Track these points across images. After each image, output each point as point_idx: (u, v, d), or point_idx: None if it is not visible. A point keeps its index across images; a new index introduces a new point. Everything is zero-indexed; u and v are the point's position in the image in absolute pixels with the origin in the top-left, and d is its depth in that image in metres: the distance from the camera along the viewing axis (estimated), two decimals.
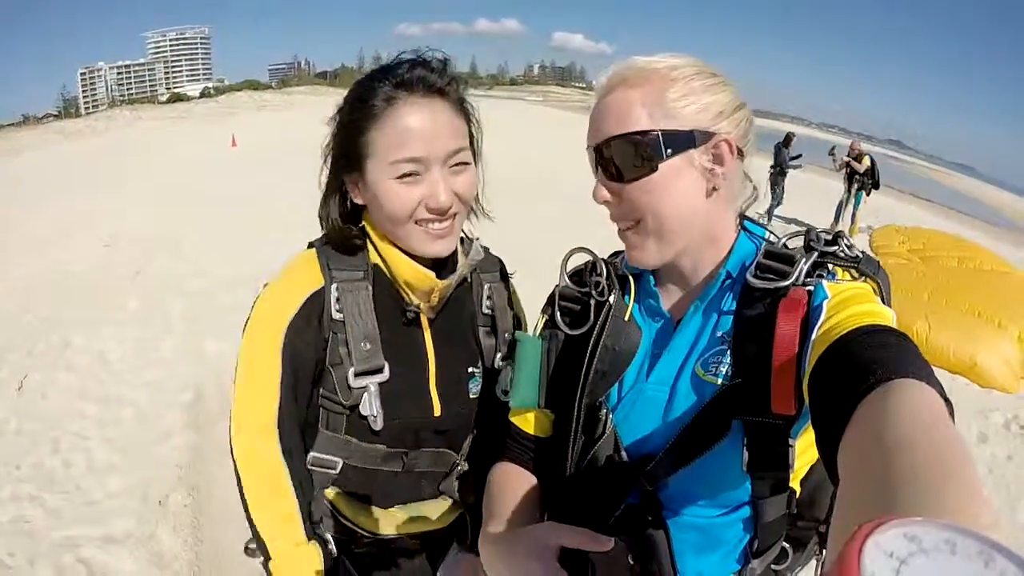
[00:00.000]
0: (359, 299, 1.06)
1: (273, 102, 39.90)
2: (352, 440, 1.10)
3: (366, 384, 1.06)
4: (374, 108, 0.97)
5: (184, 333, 5.00)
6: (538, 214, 8.64)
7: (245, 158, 14.93)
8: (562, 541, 0.78)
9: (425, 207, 1.00)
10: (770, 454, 0.84)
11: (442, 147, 0.99)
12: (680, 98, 0.84)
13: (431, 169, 0.99)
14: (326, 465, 1.12)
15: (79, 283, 6.20)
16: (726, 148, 0.85)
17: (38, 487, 3.11)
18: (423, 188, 0.99)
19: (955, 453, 0.45)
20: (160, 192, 10.81)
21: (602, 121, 0.88)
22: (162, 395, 4.04)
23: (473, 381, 1.20)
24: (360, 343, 1.05)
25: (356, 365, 1.05)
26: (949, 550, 0.26)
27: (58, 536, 2.77)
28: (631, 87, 0.85)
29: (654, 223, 0.87)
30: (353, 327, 1.05)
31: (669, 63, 0.86)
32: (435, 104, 0.99)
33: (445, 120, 1.00)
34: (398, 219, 1.01)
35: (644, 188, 0.85)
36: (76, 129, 25.59)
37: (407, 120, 0.97)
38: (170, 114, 31.58)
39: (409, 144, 0.96)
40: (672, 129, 0.83)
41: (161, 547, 2.74)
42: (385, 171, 0.98)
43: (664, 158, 0.83)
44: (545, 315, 1.05)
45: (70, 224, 8.63)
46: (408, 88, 0.98)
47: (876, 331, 0.67)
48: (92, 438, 3.56)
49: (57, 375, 4.30)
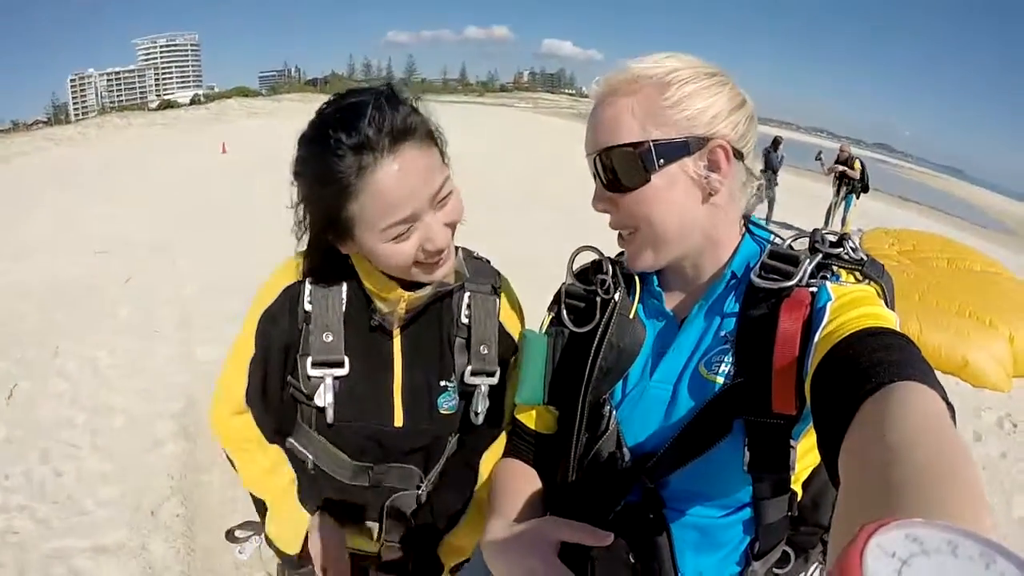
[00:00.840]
0: (330, 294, 1.09)
1: (264, 109, 39.85)
2: (321, 439, 1.13)
3: (323, 374, 1.08)
4: (346, 181, 0.90)
5: (176, 341, 4.97)
6: (532, 220, 8.66)
7: (236, 165, 14.89)
8: (562, 536, 0.79)
9: (422, 250, 0.98)
10: (771, 454, 0.84)
11: (427, 194, 0.95)
12: (673, 105, 0.83)
13: (423, 218, 0.96)
14: (299, 456, 1.16)
15: (69, 290, 6.15)
16: (721, 154, 0.84)
17: (28, 497, 3.08)
18: (418, 236, 0.97)
19: (956, 455, 0.45)
20: (151, 199, 10.77)
21: (596, 131, 0.88)
22: (154, 403, 4.00)
23: (445, 396, 1.16)
24: (322, 334, 1.08)
25: (314, 355, 1.08)
26: (950, 551, 0.26)
27: (49, 547, 2.73)
28: (623, 95, 0.85)
29: (649, 232, 0.88)
30: (318, 319, 1.08)
31: (664, 67, 0.85)
32: (406, 153, 0.92)
33: (421, 165, 0.94)
34: (400, 268, 1.00)
35: (638, 199, 0.86)
36: (66, 136, 25.45)
37: (386, 185, 0.90)
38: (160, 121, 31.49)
39: (395, 209, 0.92)
40: (664, 139, 0.83)
41: (153, 557, 2.71)
42: (378, 237, 0.95)
43: (656, 169, 0.84)
44: (551, 313, 1.05)
45: (60, 231, 8.58)
46: (374, 149, 0.89)
47: (879, 333, 0.67)
48: (83, 447, 3.52)
49: (47, 383, 4.26)
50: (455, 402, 1.16)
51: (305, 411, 1.14)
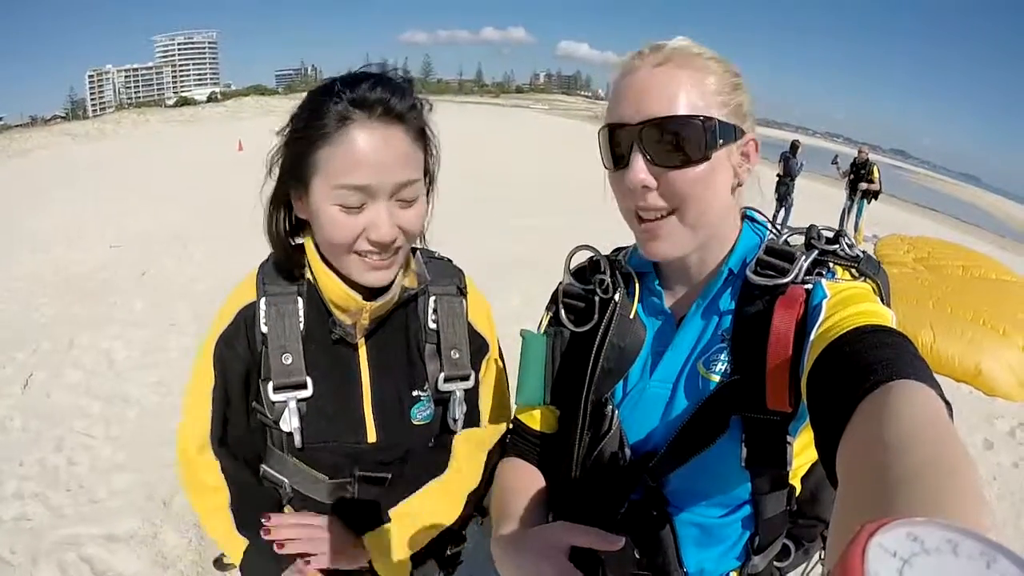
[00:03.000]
0: (286, 312, 1.03)
1: (280, 108, 39.91)
2: (294, 461, 1.07)
3: (286, 399, 1.02)
4: (325, 126, 0.90)
5: (190, 333, 5.01)
6: (543, 222, 8.66)
7: (252, 162, 14.94)
8: (573, 540, 0.79)
9: (366, 238, 0.94)
10: (768, 450, 0.84)
11: (391, 178, 0.91)
12: (719, 91, 0.82)
13: (376, 200, 0.92)
14: (274, 481, 1.10)
15: (86, 283, 6.24)
16: (753, 147, 0.85)
17: (41, 485, 3.12)
18: (365, 218, 0.92)
19: (955, 454, 0.45)
20: (167, 194, 10.87)
21: (648, 98, 0.80)
22: (167, 395, 4.05)
23: (419, 406, 1.11)
24: (280, 356, 1.02)
25: (275, 379, 1.01)
26: (951, 550, 0.26)
27: (61, 534, 2.77)
28: (678, 67, 0.81)
29: (693, 214, 0.83)
30: (275, 340, 1.02)
31: (705, 52, 0.84)
32: (391, 130, 0.91)
33: (399, 149, 0.92)
34: (337, 247, 0.95)
35: (691, 176, 0.80)
36: (84, 131, 25.75)
37: (358, 144, 0.89)
38: (177, 118, 31.76)
39: (356, 171, 0.89)
40: (724, 120, 0.81)
41: (165, 547, 2.74)
42: (329, 195, 0.91)
43: (717, 147, 0.81)
44: (549, 312, 1.04)
45: (77, 224, 8.69)
46: (364, 108, 0.90)
47: (876, 331, 0.67)
48: (97, 437, 3.57)
49: (63, 374, 4.31)
50: (430, 411, 1.12)
51: (275, 434, 1.07)
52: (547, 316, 1.05)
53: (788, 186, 10.33)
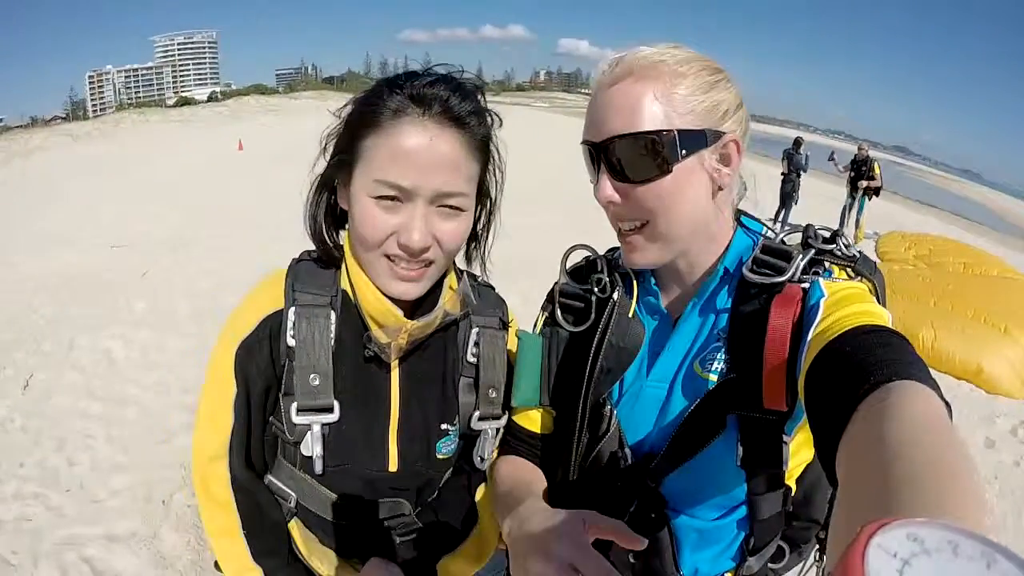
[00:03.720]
0: (316, 327, 0.94)
1: (280, 107, 40.04)
2: (306, 478, 1.00)
3: (309, 423, 0.95)
4: (379, 116, 0.86)
5: (190, 334, 5.01)
6: (542, 220, 8.64)
7: (252, 162, 15.00)
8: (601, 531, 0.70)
9: (396, 241, 0.88)
10: (764, 450, 0.84)
11: (434, 183, 0.86)
12: (690, 95, 0.80)
13: (414, 202, 0.87)
14: (280, 494, 1.04)
15: (86, 283, 6.24)
16: (734, 148, 0.83)
17: (42, 485, 3.12)
18: (399, 219, 0.87)
19: (955, 456, 0.45)
20: (167, 194, 10.89)
21: (608, 116, 0.82)
22: (167, 396, 4.05)
23: (446, 440, 1.05)
24: (308, 376, 0.94)
25: (299, 400, 0.94)
26: (951, 551, 0.26)
27: (61, 534, 2.77)
28: (640, 79, 0.80)
29: (663, 226, 0.84)
30: (304, 356, 0.94)
31: (677, 56, 0.82)
32: (445, 133, 0.86)
33: (450, 155, 0.87)
34: (366, 243, 0.90)
35: (655, 191, 0.81)
36: (84, 132, 25.77)
37: (406, 140, 0.85)
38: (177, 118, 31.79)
39: (398, 167, 0.85)
40: (687, 128, 0.79)
41: (164, 547, 2.73)
42: (367, 186, 0.87)
43: (679, 159, 0.80)
44: (545, 312, 1.04)
45: (78, 225, 8.71)
46: (421, 104, 0.86)
47: (874, 331, 0.67)
48: (97, 437, 3.57)
49: (63, 374, 4.31)
50: (454, 446, 1.07)
51: (288, 450, 1.00)
52: (543, 316, 1.04)
53: (794, 183, 10.29)
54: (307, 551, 1.07)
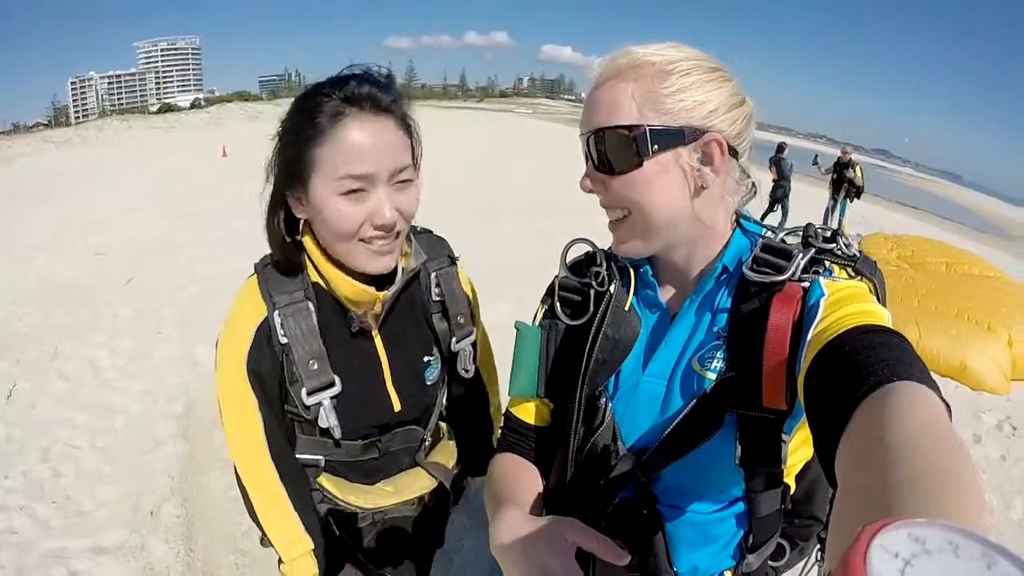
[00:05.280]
0: (301, 321, 1.08)
1: (264, 113, 39.77)
2: (328, 441, 1.17)
3: (319, 400, 1.10)
4: (320, 124, 0.96)
5: (176, 341, 4.96)
6: (534, 226, 8.67)
7: (235, 168, 14.88)
8: (583, 543, 0.74)
9: (371, 224, 1.00)
10: (762, 449, 0.84)
11: (388, 164, 0.99)
12: (673, 93, 0.81)
13: (377, 187, 0.99)
14: (310, 463, 1.20)
15: (70, 291, 6.16)
16: (716, 147, 0.82)
17: (27, 497, 3.07)
18: (368, 205, 0.99)
19: (956, 456, 0.45)
20: (151, 201, 10.78)
21: (593, 111, 0.87)
22: (154, 404, 4.00)
23: (430, 369, 1.25)
24: (308, 363, 1.08)
25: (307, 383, 1.08)
26: (952, 551, 0.26)
27: (48, 547, 2.72)
28: (624, 79, 0.83)
29: (639, 218, 0.86)
30: (299, 349, 1.07)
31: (668, 56, 0.83)
32: (381, 122, 0.99)
33: (391, 138, 1.00)
34: (343, 236, 1.01)
35: (628, 182, 0.84)
36: (67, 138, 25.47)
37: (354, 137, 0.96)
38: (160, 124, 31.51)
39: (356, 161, 0.96)
40: (661, 125, 0.81)
41: (152, 558, 2.70)
42: (331, 187, 0.97)
43: (650, 154, 0.82)
44: (544, 305, 1.04)
45: (61, 232, 8.59)
46: (356, 104, 0.97)
47: (875, 331, 0.67)
48: (82, 447, 3.52)
49: (47, 383, 4.25)
50: (439, 370, 1.28)
51: (307, 427, 1.17)
52: (542, 309, 1.05)
53: (784, 188, 10.32)
54: (341, 492, 1.23)
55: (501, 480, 1.00)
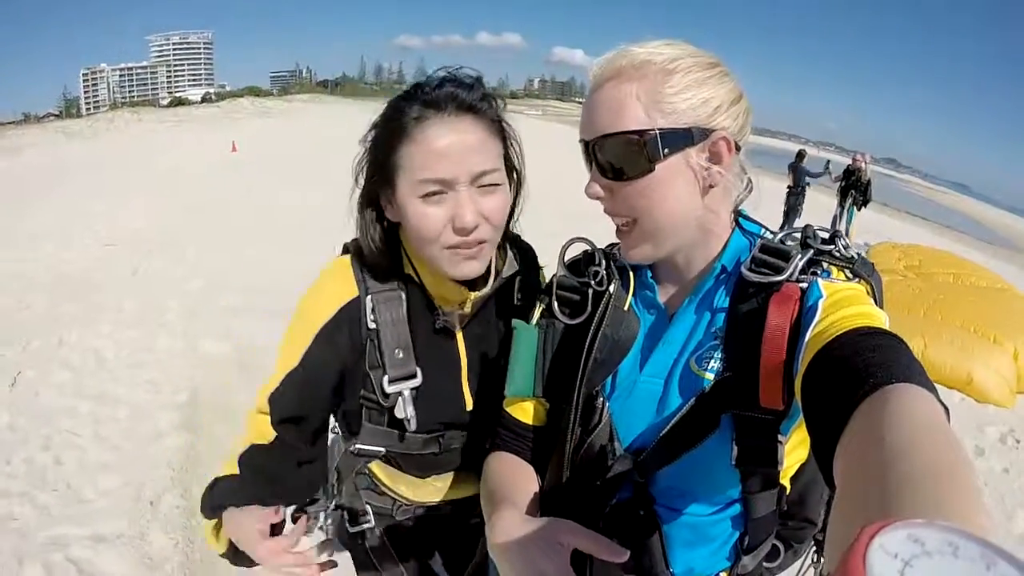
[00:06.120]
0: (392, 309, 1.09)
1: (274, 109, 39.87)
2: (394, 432, 1.17)
3: (400, 389, 1.11)
4: (404, 127, 0.97)
5: (181, 334, 4.98)
6: (542, 227, 8.64)
7: (245, 163, 14.95)
8: (579, 544, 0.75)
9: (452, 228, 0.98)
10: (759, 449, 0.84)
11: (469, 167, 0.96)
12: (677, 93, 0.80)
13: (457, 190, 0.97)
14: (371, 453, 1.21)
15: (76, 281, 6.19)
16: (724, 146, 0.82)
17: (29, 484, 3.08)
18: (449, 208, 0.97)
19: (955, 458, 0.45)
20: (160, 194, 10.82)
21: (596, 115, 0.84)
22: (157, 395, 4.01)
23: None
24: (394, 351, 1.09)
25: (390, 372, 1.09)
26: (951, 552, 0.27)
27: (48, 534, 2.74)
28: (626, 80, 0.81)
29: (649, 224, 0.85)
30: (387, 336, 1.09)
31: (667, 54, 0.82)
32: (464, 123, 0.97)
33: (474, 139, 0.97)
34: (426, 238, 1.00)
35: (639, 189, 0.83)
36: (77, 129, 25.57)
37: (434, 140, 0.95)
38: (171, 118, 31.60)
39: (435, 164, 0.95)
40: (670, 127, 0.80)
41: (152, 548, 2.71)
42: (412, 189, 0.97)
43: (661, 158, 0.80)
44: (542, 304, 1.04)
45: (69, 223, 8.63)
46: (437, 107, 0.96)
47: (873, 333, 0.67)
48: (84, 436, 3.53)
49: (51, 372, 4.27)
50: None
51: (374, 415, 1.17)
52: (539, 308, 1.04)
53: (799, 196, 10.26)
54: (391, 482, 1.29)
55: (497, 480, 0.99)
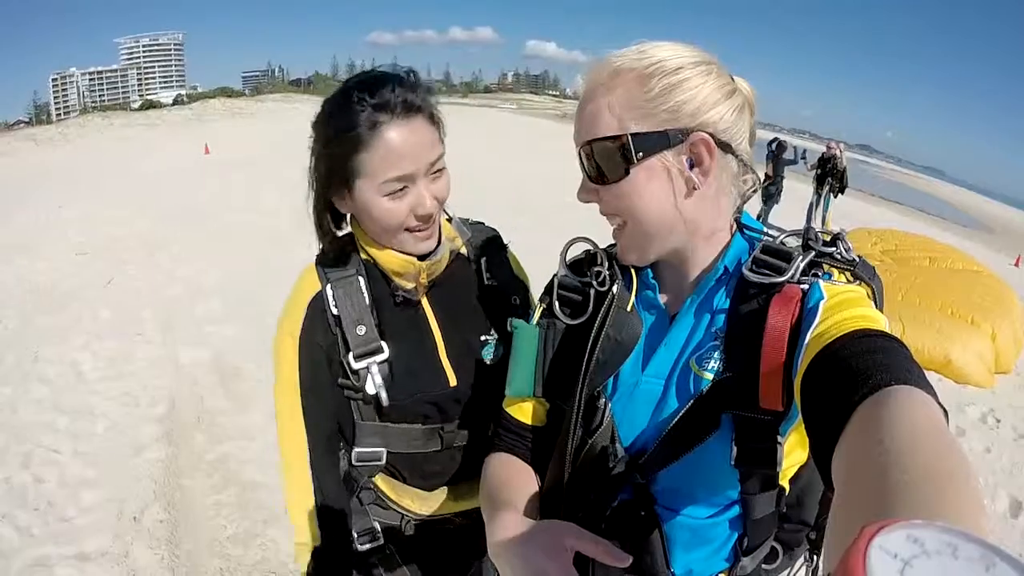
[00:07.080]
0: (351, 291, 1.15)
1: (247, 109, 39.32)
2: (388, 425, 1.20)
3: (366, 364, 1.14)
4: (359, 134, 1.02)
5: (158, 343, 4.92)
6: (513, 224, 8.65)
7: (218, 165, 14.75)
8: (581, 547, 0.75)
9: (414, 215, 1.09)
10: (758, 450, 0.84)
11: (425, 160, 1.07)
12: (653, 98, 0.81)
13: (417, 182, 1.07)
14: (371, 459, 1.22)
15: (50, 293, 6.07)
16: (703, 147, 0.82)
17: (9, 504, 3.03)
18: (410, 199, 1.07)
19: (953, 460, 0.45)
20: (133, 200, 10.63)
21: (580, 123, 0.89)
22: (136, 407, 3.96)
23: (487, 348, 1.26)
24: (355, 329, 1.14)
25: (354, 349, 1.13)
26: (951, 553, 0.27)
27: (30, 555, 2.69)
28: (605, 89, 0.84)
29: (633, 225, 0.88)
30: (347, 316, 1.14)
31: (647, 59, 0.83)
32: (415, 122, 1.06)
33: (424, 135, 1.07)
34: (390, 228, 1.10)
35: (619, 191, 0.86)
36: (47, 136, 25.01)
37: (393, 143, 1.03)
38: (143, 121, 31.06)
39: (397, 164, 1.04)
40: (642, 132, 0.82)
41: (136, 564, 2.68)
42: (377, 190, 1.05)
43: (635, 162, 0.83)
44: (543, 304, 1.04)
45: (40, 232, 8.45)
46: (390, 111, 1.03)
47: (873, 335, 0.67)
48: (64, 452, 3.47)
49: (28, 388, 4.19)
50: (499, 351, 1.26)
51: (363, 408, 1.19)
52: (540, 307, 1.04)
53: (777, 184, 10.36)
54: (396, 495, 1.27)
55: (496, 481, 0.99)
